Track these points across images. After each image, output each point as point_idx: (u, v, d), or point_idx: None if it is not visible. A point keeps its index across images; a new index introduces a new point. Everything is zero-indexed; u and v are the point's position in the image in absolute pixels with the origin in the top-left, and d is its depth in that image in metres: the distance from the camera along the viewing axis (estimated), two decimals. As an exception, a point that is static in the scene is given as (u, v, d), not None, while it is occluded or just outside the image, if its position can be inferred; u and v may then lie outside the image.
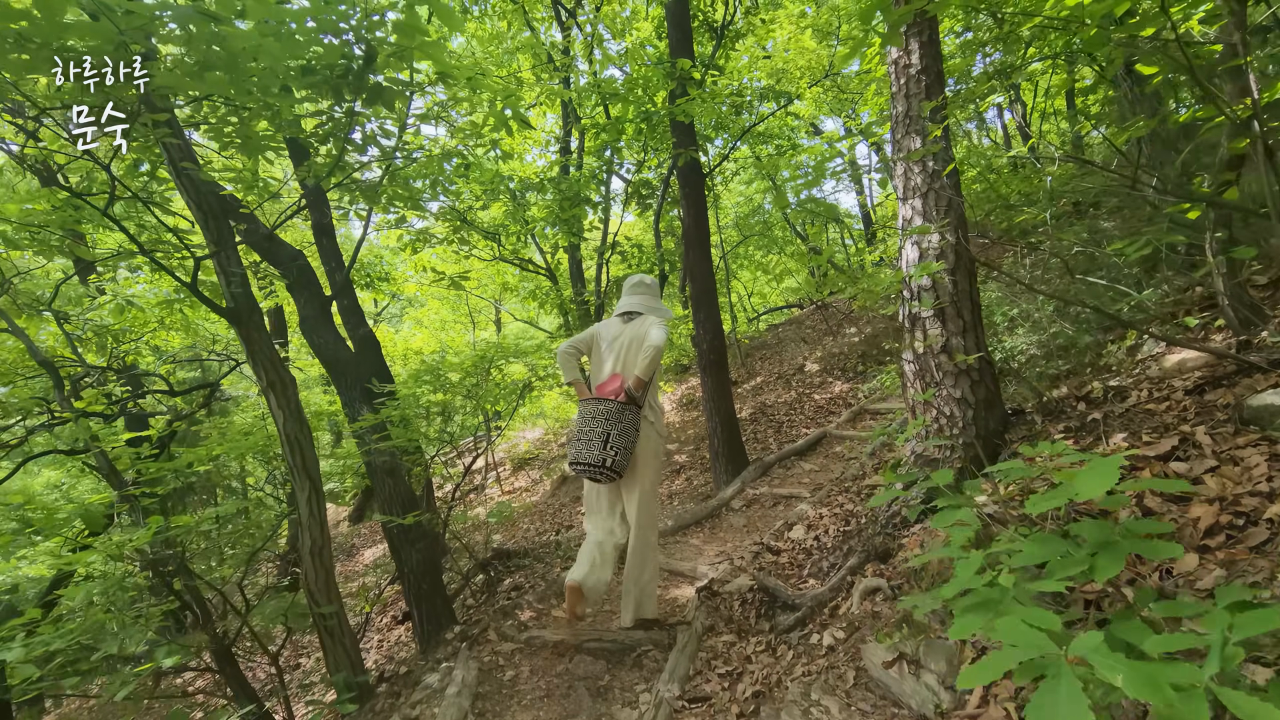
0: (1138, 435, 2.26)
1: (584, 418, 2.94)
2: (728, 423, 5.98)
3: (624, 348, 3.07)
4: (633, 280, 3.29)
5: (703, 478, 7.04)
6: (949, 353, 2.80)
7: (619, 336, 3.11)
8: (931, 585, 2.26)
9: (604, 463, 2.83)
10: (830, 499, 4.73)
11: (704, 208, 6.14)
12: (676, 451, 8.41)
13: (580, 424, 2.94)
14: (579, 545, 5.64)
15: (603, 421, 2.86)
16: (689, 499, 6.28)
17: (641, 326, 3.05)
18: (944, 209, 2.98)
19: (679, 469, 7.66)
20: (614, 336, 3.12)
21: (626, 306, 3.18)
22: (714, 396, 5.97)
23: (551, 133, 10.28)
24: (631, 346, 3.04)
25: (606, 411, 2.87)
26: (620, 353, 3.07)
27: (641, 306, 3.17)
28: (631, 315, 3.15)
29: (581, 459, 2.89)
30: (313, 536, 3.09)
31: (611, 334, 3.14)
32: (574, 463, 2.92)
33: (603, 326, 3.21)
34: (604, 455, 2.82)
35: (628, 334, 3.09)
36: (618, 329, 3.13)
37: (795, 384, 10.29)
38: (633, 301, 3.19)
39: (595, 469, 2.87)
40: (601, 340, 3.15)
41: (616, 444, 2.83)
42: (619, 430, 2.84)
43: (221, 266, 2.99)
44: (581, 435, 2.90)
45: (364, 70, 2.71)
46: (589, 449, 2.85)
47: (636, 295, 3.23)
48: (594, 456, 2.83)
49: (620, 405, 2.88)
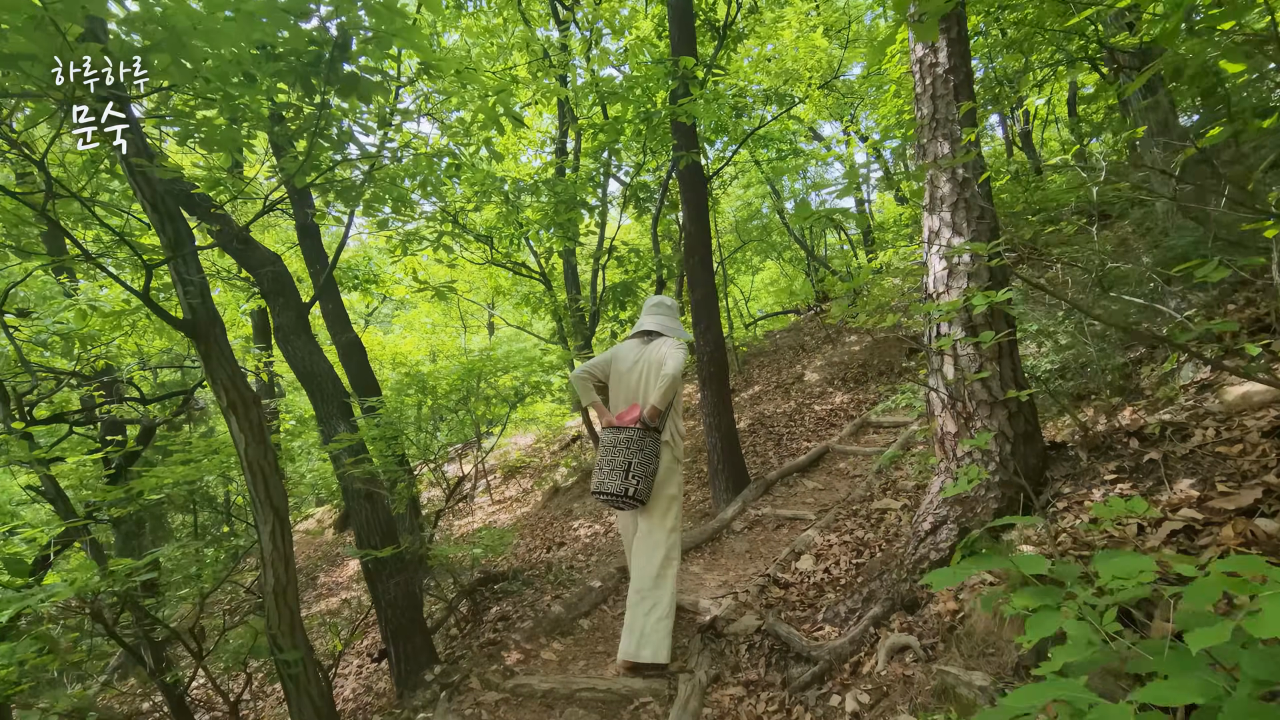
0: (1209, 483, 1.99)
1: (605, 445, 2.90)
2: (728, 438, 5.70)
3: (642, 373, 3.03)
4: (653, 301, 3.27)
5: (700, 493, 6.75)
6: (985, 382, 2.53)
7: (638, 361, 3.07)
8: (977, 651, 1.98)
9: (626, 492, 2.80)
10: (839, 524, 4.46)
11: (705, 212, 5.86)
12: (673, 464, 8.14)
13: (602, 452, 2.90)
14: (570, 567, 5.48)
15: (624, 449, 2.82)
16: (686, 518, 5.99)
17: (659, 350, 3.02)
18: (975, 221, 2.71)
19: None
20: (633, 360, 3.08)
21: (646, 326, 3.14)
22: (714, 411, 5.68)
23: (547, 133, 9.99)
24: (650, 371, 3.01)
25: (627, 439, 2.84)
26: (639, 377, 3.04)
27: (660, 327, 3.12)
28: (651, 336, 3.12)
29: (604, 488, 2.85)
30: (276, 574, 2.78)
31: (630, 357, 3.09)
32: (596, 491, 2.88)
33: (621, 349, 3.16)
34: (625, 484, 2.79)
35: (646, 357, 3.05)
36: (636, 351, 3.10)
37: (795, 394, 10.02)
38: (652, 322, 3.16)
39: (617, 498, 2.85)
40: (620, 363, 3.10)
41: (638, 472, 2.79)
42: (640, 459, 2.81)
43: (177, 274, 2.68)
44: (603, 464, 2.86)
45: (337, 58, 2.41)
46: (611, 478, 2.82)
47: (656, 316, 3.19)
48: (616, 486, 2.80)
49: (640, 432, 2.84)
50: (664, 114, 4.96)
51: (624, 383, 3.07)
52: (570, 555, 5.85)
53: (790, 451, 7.49)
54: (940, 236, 2.73)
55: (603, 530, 6.49)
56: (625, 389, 3.06)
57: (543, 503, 8.89)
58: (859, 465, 6.20)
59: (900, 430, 7.53)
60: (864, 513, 4.51)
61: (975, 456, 2.53)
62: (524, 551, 6.64)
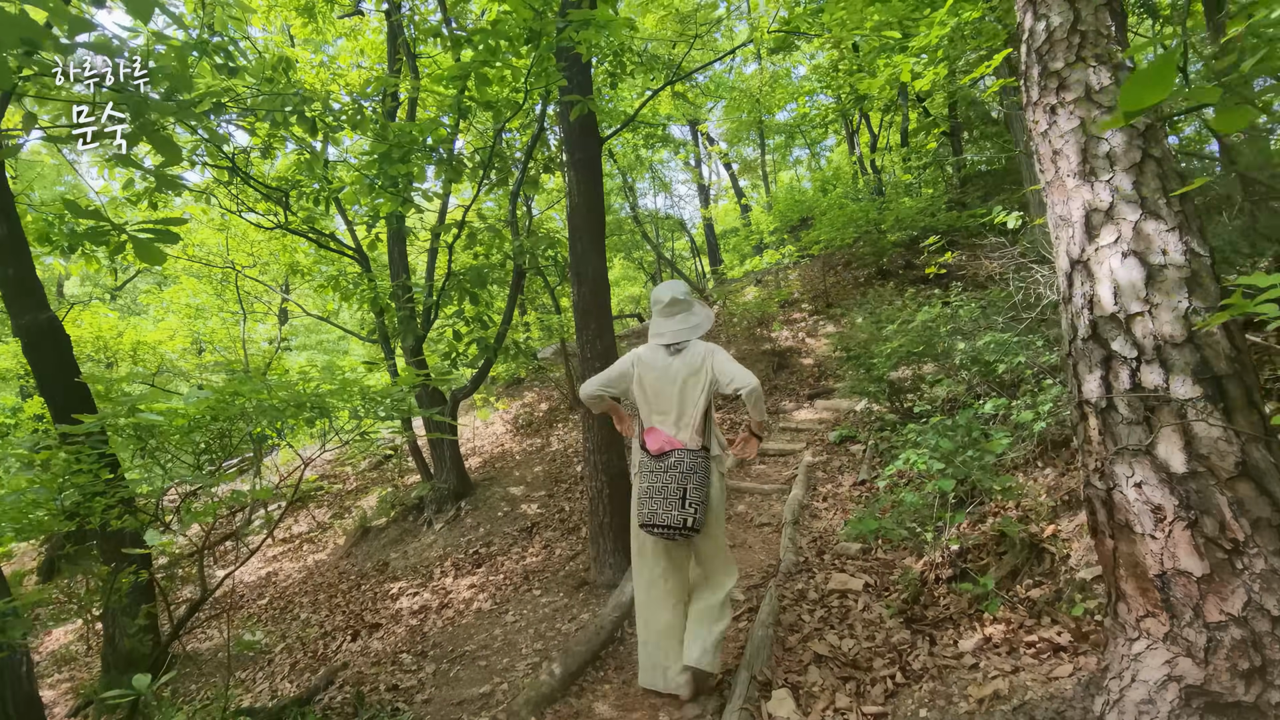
0: None
1: (653, 471, 2.60)
2: (618, 483, 4.33)
3: (681, 385, 2.65)
4: (664, 299, 2.73)
5: (566, 544, 5.31)
6: (1263, 485, 1.42)
7: (668, 370, 2.68)
8: None
9: (685, 523, 2.52)
10: (796, 623, 3.28)
11: (599, 181, 4.45)
12: (523, 498, 6.57)
13: (648, 478, 2.60)
14: (394, 687, 3.48)
15: (677, 476, 2.55)
16: (554, 585, 4.51)
17: (698, 358, 2.66)
18: (1172, 195, 1.64)
19: (530, 528, 5.83)
20: (662, 369, 2.69)
21: (672, 337, 2.70)
22: (601, 445, 4.29)
23: (373, 68, 7.87)
24: (689, 383, 2.65)
25: (678, 462, 2.57)
26: (678, 390, 2.66)
27: (690, 333, 2.71)
28: (680, 346, 2.70)
29: (659, 520, 2.55)
30: None
31: (658, 367, 2.70)
32: (648, 524, 2.58)
33: (645, 356, 2.75)
34: (684, 515, 2.52)
35: (680, 368, 2.66)
36: (664, 361, 2.71)
37: (658, 410, 8.95)
38: (677, 329, 2.71)
39: (675, 531, 2.55)
40: (645, 376, 2.72)
41: (694, 499, 2.53)
42: (694, 484, 2.55)
43: None
44: (654, 491, 2.58)
45: None
46: (665, 509, 2.54)
47: (677, 317, 2.73)
48: (674, 518, 2.53)
49: (693, 454, 2.58)
50: (552, 28, 3.44)
51: (657, 397, 2.69)
52: (391, 650, 4.09)
53: (669, 485, 6.33)
54: (1117, 218, 1.61)
55: (435, 601, 4.78)
56: (658, 404, 2.69)
57: (346, 548, 6.83)
58: (760, 507, 5.17)
59: (790, 459, 6.73)
60: (814, 595, 3.40)
61: (1250, 623, 1.41)
62: (313, 651, 4.68)
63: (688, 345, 2.71)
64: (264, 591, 6.45)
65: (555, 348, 13.16)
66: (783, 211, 11.65)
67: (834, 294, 11.68)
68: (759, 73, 12.79)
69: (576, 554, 5.03)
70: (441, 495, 6.57)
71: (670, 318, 2.74)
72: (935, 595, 3.04)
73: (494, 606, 4.40)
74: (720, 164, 17.56)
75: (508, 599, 4.47)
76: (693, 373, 2.63)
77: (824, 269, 12.70)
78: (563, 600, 4.19)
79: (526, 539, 5.62)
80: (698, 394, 2.61)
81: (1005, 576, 2.81)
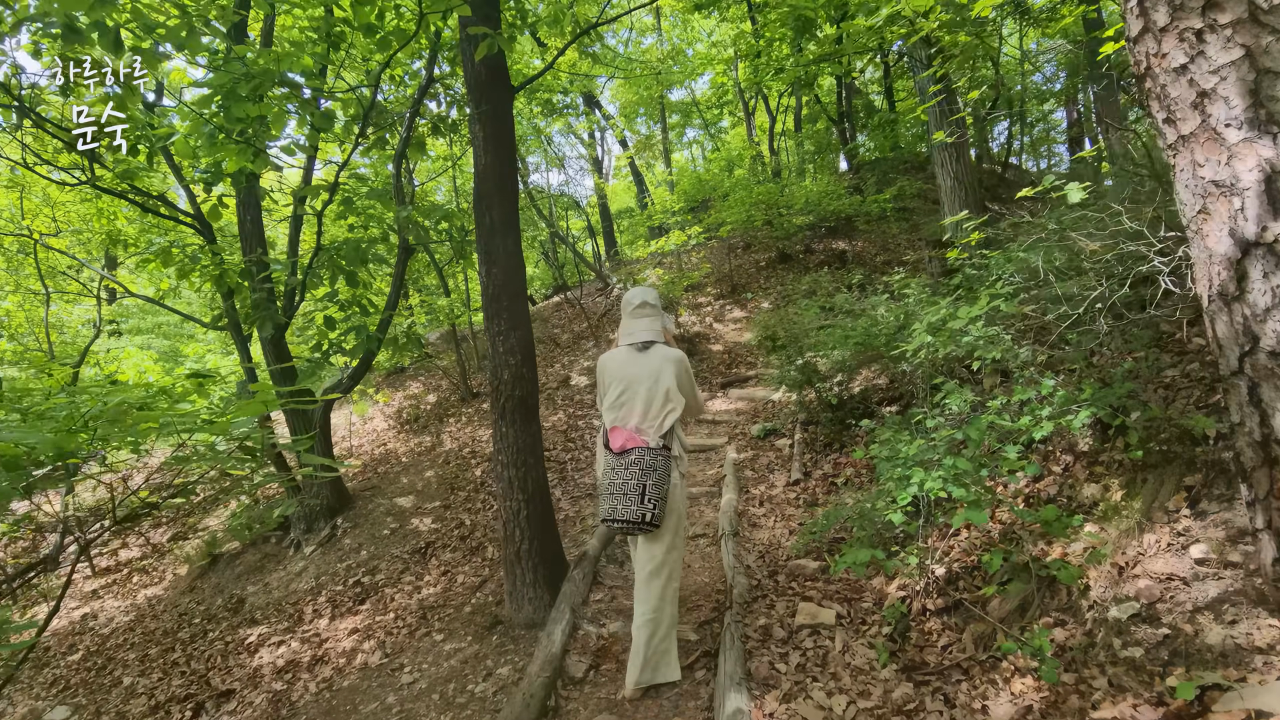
0: None
1: (613, 468, 2.68)
2: (538, 501, 3.64)
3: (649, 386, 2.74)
4: (635, 301, 2.89)
5: (469, 568, 4.54)
6: None
7: (635, 369, 2.77)
8: None
9: (644, 518, 2.61)
10: (769, 675, 2.77)
11: (510, 137, 3.68)
12: (413, 511, 5.67)
13: (610, 475, 2.68)
14: None
15: (638, 472, 2.63)
16: (459, 625, 3.76)
17: (666, 360, 2.77)
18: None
19: (424, 548, 4.99)
20: (632, 373, 2.77)
21: (641, 336, 2.82)
22: (517, 459, 3.58)
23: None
24: (655, 383, 2.74)
25: (638, 460, 2.64)
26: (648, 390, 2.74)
27: (656, 334, 2.84)
28: (647, 345, 2.82)
29: (619, 515, 2.63)
30: None
31: (626, 370, 2.78)
32: (609, 519, 2.66)
33: (611, 360, 2.85)
34: (642, 510, 2.61)
35: (646, 368, 2.77)
36: (632, 360, 2.80)
37: (563, 402, 8.21)
38: (646, 327, 2.84)
39: (635, 525, 2.63)
40: (611, 376, 2.81)
41: (653, 495, 2.63)
42: (653, 480, 2.64)
43: None
44: (614, 488, 2.65)
45: None
46: (624, 504, 2.62)
47: (645, 320, 2.85)
48: (632, 512, 2.60)
49: (653, 452, 2.66)
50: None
51: (622, 395, 2.76)
52: (246, 731, 3.19)
53: (584, 490, 5.67)
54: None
55: (307, 654, 3.88)
56: (623, 402, 2.76)
57: (189, 580, 5.62)
58: (691, 514, 4.66)
59: (712, 456, 6.28)
60: (780, 632, 2.91)
61: None
62: None
63: (654, 346, 2.82)
64: (77, 642, 5.15)
65: (443, 332, 12.03)
66: (687, 190, 11.19)
67: (737, 278, 11.44)
68: (658, 45, 12.20)
69: (483, 581, 4.29)
70: (312, 511, 5.54)
71: (639, 319, 2.87)
72: (927, 632, 2.64)
73: (384, 659, 3.58)
74: (615, 142, 16.90)
75: (401, 647, 3.67)
76: (658, 373, 2.75)
77: (727, 252, 12.44)
78: (472, 647, 3.45)
79: (420, 563, 4.78)
80: (662, 394, 2.72)
81: (1013, 611, 2.43)
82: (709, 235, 11.05)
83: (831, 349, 4.24)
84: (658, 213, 11.57)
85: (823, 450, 5.25)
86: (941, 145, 7.40)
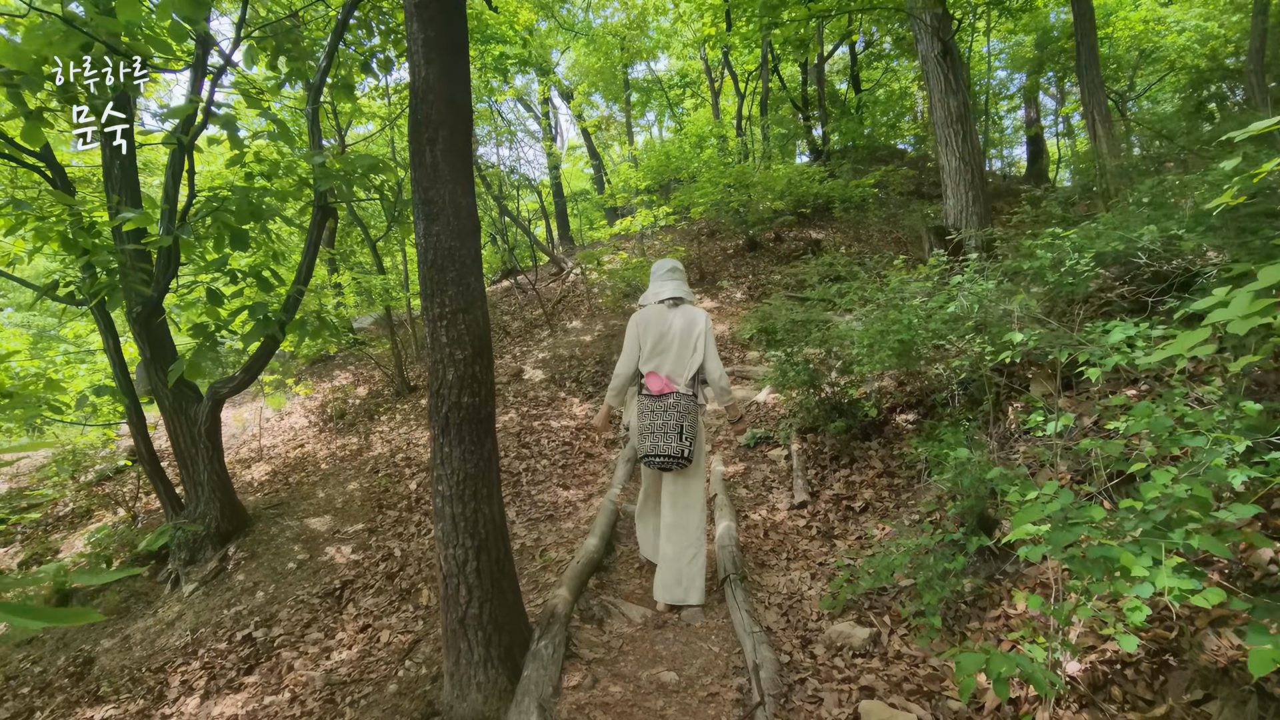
0: None
1: (654, 410, 3.00)
2: (492, 546, 2.66)
3: (678, 339, 3.06)
4: (665, 267, 3.23)
5: (397, 620, 3.52)
6: None
7: (669, 323, 3.08)
8: None
9: (682, 453, 2.94)
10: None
11: (465, 52, 2.66)
12: (329, 536, 4.57)
13: (650, 417, 3.00)
14: None
15: (676, 414, 2.96)
16: (381, 714, 2.76)
17: (695, 319, 3.09)
18: None
19: (339, 590, 3.93)
20: (664, 322, 3.08)
21: (671, 293, 3.12)
22: (464, 488, 2.59)
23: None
24: (685, 337, 3.06)
25: (675, 403, 2.97)
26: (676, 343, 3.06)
27: (685, 293, 3.15)
28: (677, 301, 3.12)
29: (660, 451, 2.95)
30: None
31: (660, 320, 3.09)
32: (651, 455, 2.98)
33: (645, 316, 3.13)
34: (681, 446, 2.94)
35: (678, 322, 3.08)
36: (665, 315, 3.10)
37: (515, 399, 7.17)
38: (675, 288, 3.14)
39: (675, 460, 2.96)
40: (648, 329, 3.09)
41: (689, 434, 2.96)
42: (690, 421, 2.97)
43: None
44: (654, 428, 2.97)
45: None
46: (666, 441, 2.94)
47: (673, 280, 3.18)
48: (674, 449, 2.93)
49: (687, 397, 3.00)
50: None
51: (657, 346, 3.07)
52: None
53: (544, 511, 4.68)
54: None
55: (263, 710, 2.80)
56: (658, 352, 3.07)
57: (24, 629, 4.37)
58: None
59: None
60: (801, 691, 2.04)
61: None
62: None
63: (683, 304, 3.11)
64: None
65: (376, 316, 10.75)
66: (653, 167, 10.23)
67: (705, 265, 10.60)
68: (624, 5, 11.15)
69: (415, 641, 3.28)
70: (196, 538, 4.37)
71: (669, 281, 3.17)
72: (1075, 768, 1.82)
73: (269, 773, 2.54)
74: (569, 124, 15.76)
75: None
76: (688, 329, 3.06)
77: (694, 239, 11.58)
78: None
79: (333, 611, 3.72)
80: (690, 348, 3.04)
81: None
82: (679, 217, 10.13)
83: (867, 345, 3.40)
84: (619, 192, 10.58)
85: (829, 464, 4.44)
86: (945, 123, 6.71)
